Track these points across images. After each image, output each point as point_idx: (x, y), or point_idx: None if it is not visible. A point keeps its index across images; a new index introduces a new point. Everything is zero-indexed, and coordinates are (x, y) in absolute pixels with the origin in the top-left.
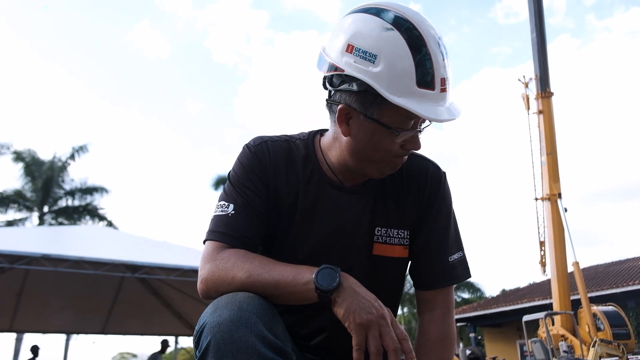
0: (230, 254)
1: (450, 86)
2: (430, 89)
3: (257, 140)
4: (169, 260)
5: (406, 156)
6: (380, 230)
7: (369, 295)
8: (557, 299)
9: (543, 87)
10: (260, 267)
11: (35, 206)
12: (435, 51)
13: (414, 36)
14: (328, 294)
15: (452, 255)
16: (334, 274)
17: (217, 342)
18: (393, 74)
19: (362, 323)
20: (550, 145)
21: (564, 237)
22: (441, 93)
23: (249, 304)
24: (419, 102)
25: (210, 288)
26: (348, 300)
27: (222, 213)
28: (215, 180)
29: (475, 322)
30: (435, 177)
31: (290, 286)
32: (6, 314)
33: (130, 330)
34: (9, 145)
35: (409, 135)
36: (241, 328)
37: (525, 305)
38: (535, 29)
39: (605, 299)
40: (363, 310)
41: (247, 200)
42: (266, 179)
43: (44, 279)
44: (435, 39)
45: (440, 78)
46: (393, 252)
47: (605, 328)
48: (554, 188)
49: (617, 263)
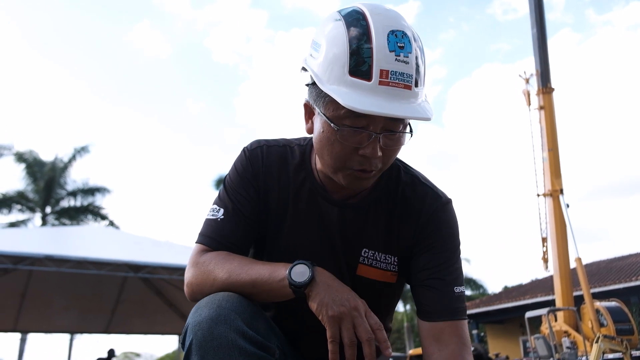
0: (212, 257)
1: (411, 82)
2: (365, 79)
3: (253, 145)
4: (172, 259)
5: (372, 170)
6: (367, 252)
7: (342, 288)
8: (560, 295)
9: (544, 82)
10: (239, 267)
11: (37, 207)
12: (381, 42)
13: (358, 25)
14: (302, 288)
15: (457, 286)
16: (306, 269)
17: (198, 340)
18: (328, 62)
19: (334, 315)
20: (551, 141)
21: (566, 233)
22: (380, 86)
23: (227, 301)
24: (349, 90)
25: (195, 291)
26: (321, 294)
27: (212, 217)
28: (216, 180)
29: (477, 318)
30: (432, 206)
31: (267, 284)
32: (10, 314)
33: (133, 329)
34: (11, 146)
35: (356, 135)
36: (220, 325)
37: (528, 301)
38: (535, 24)
39: (608, 295)
40: (335, 303)
41: (238, 206)
42: (258, 185)
43: (47, 279)
44: (388, 31)
45: (380, 69)
46: (378, 276)
47: (608, 324)
48: (556, 184)
49: (620, 259)
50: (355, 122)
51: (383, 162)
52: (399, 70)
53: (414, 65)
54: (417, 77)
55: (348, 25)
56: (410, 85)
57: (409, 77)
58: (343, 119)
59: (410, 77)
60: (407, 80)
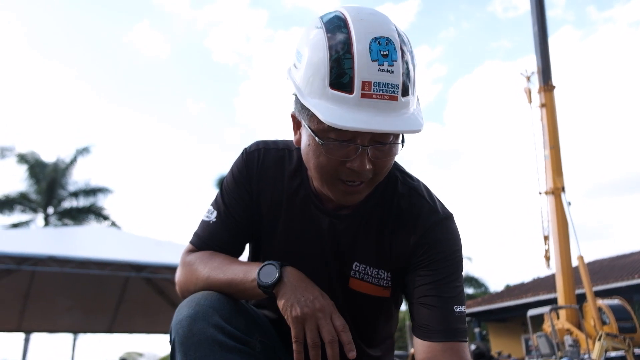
0: (197, 256)
1: (397, 93)
2: (346, 92)
3: (252, 147)
4: (174, 259)
5: (361, 182)
6: (358, 265)
7: (310, 288)
8: (562, 293)
9: (545, 80)
10: (218, 268)
11: (40, 208)
12: (363, 51)
13: (339, 33)
14: (269, 288)
15: (457, 306)
16: (273, 270)
17: (180, 338)
18: (309, 73)
19: (297, 316)
20: (553, 139)
21: (568, 231)
22: (363, 99)
23: (206, 299)
24: (330, 105)
25: (182, 289)
26: (287, 294)
27: (206, 219)
28: (217, 180)
29: (479, 317)
30: (427, 221)
31: (240, 284)
32: (14, 314)
33: (136, 329)
34: (13, 147)
35: (343, 149)
36: (198, 322)
37: (530, 299)
38: (536, 22)
39: (610, 293)
40: (300, 304)
41: (230, 210)
42: (250, 187)
43: (50, 279)
44: (370, 38)
45: (362, 81)
46: (370, 290)
47: (610, 322)
48: (558, 182)
49: (623, 257)
50: (341, 135)
51: (374, 173)
52: (382, 81)
53: (401, 73)
54: (406, 85)
55: (328, 32)
56: (396, 95)
57: (395, 87)
58: (328, 132)
59: (395, 87)
60: (392, 91)
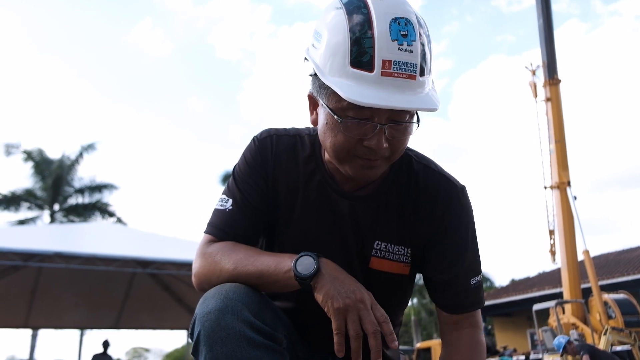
0: (218, 247)
1: (415, 72)
2: (366, 70)
3: (264, 134)
4: (180, 255)
5: (378, 159)
6: (379, 244)
7: (348, 280)
8: (568, 287)
9: (550, 74)
10: (245, 259)
11: (45, 204)
12: (383, 30)
13: (360, 14)
14: (307, 280)
15: (473, 277)
16: (312, 261)
17: (206, 331)
18: (329, 52)
19: (339, 308)
20: (558, 133)
21: (573, 225)
22: (383, 77)
23: (234, 292)
24: (351, 83)
25: (203, 281)
26: (326, 286)
27: (221, 207)
28: (223, 176)
29: (485, 311)
30: (447, 194)
31: (272, 275)
32: (21, 310)
33: (142, 325)
34: (19, 145)
35: (361, 127)
36: (227, 315)
37: (535, 294)
38: (541, 15)
39: (616, 287)
40: (341, 295)
41: (246, 196)
42: (266, 175)
43: (56, 275)
44: (390, 18)
45: (382, 60)
46: (391, 268)
47: (616, 316)
48: (563, 176)
49: (628, 251)
50: (359, 113)
51: (391, 151)
52: (402, 60)
53: (419, 53)
54: (423, 66)
55: (349, 13)
56: (414, 75)
57: (414, 66)
58: (346, 110)
59: (414, 67)
60: (411, 70)
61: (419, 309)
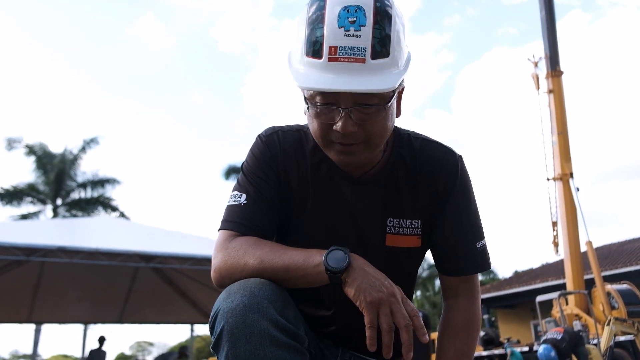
0: (242, 242)
1: (364, 55)
2: (317, 57)
3: (268, 131)
4: (183, 249)
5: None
6: (392, 221)
7: (378, 274)
8: (571, 278)
9: (553, 66)
10: (271, 253)
11: (48, 199)
12: (332, 19)
13: (317, 6)
14: (338, 274)
15: (478, 242)
16: (343, 255)
17: (230, 327)
18: (295, 45)
19: (372, 301)
20: (561, 125)
21: (576, 216)
22: (330, 62)
23: (260, 289)
24: (304, 70)
25: (224, 276)
26: (358, 279)
27: (235, 203)
28: (226, 170)
29: (488, 303)
30: (449, 163)
31: (301, 269)
32: (24, 305)
33: (146, 319)
34: (21, 139)
35: (329, 112)
36: (253, 313)
37: (539, 285)
38: (544, 7)
39: (619, 278)
40: (373, 289)
41: (259, 189)
42: (277, 168)
43: (60, 270)
44: (340, 7)
45: (329, 46)
46: (406, 242)
47: (619, 306)
48: (566, 168)
49: (631, 241)
50: (324, 99)
51: (366, 135)
52: (348, 45)
53: (371, 37)
54: (378, 49)
55: (309, 7)
56: (363, 58)
57: (362, 50)
58: (314, 97)
59: (362, 50)
60: (359, 54)
61: (422, 302)
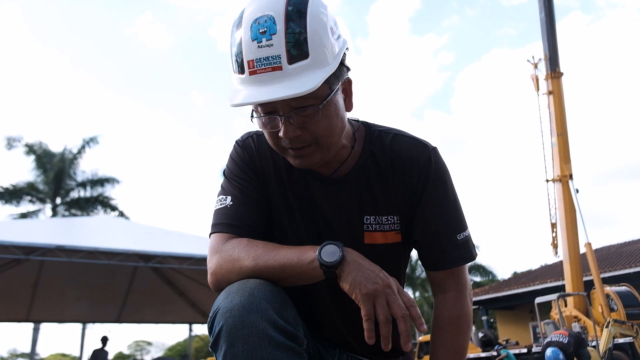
0: (235, 244)
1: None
2: (241, 73)
3: (244, 136)
4: (182, 249)
5: (302, 146)
6: (369, 218)
7: (373, 266)
8: (570, 280)
9: (552, 67)
10: (265, 253)
11: (47, 198)
12: (246, 35)
13: (237, 24)
14: (332, 269)
15: (459, 233)
16: (336, 249)
17: (229, 327)
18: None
19: (368, 293)
20: (560, 126)
21: (575, 218)
22: (251, 76)
23: (259, 290)
24: (236, 87)
25: (221, 280)
26: (353, 273)
27: (222, 206)
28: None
29: (487, 305)
30: (421, 156)
31: (296, 267)
32: (23, 304)
33: (145, 318)
34: (20, 138)
35: (271, 121)
36: (252, 313)
37: (538, 287)
38: (544, 8)
39: (618, 280)
40: (368, 281)
41: (244, 190)
42: (255, 169)
43: (58, 269)
44: (251, 21)
45: (247, 61)
46: (385, 238)
47: (618, 308)
48: (565, 169)
49: (630, 243)
50: (264, 109)
51: (313, 136)
52: (263, 56)
53: (283, 43)
54: (294, 52)
55: (233, 28)
56: (279, 65)
57: (276, 58)
58: (256, 110)
59: (277, 58)
60: (274, 62)
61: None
